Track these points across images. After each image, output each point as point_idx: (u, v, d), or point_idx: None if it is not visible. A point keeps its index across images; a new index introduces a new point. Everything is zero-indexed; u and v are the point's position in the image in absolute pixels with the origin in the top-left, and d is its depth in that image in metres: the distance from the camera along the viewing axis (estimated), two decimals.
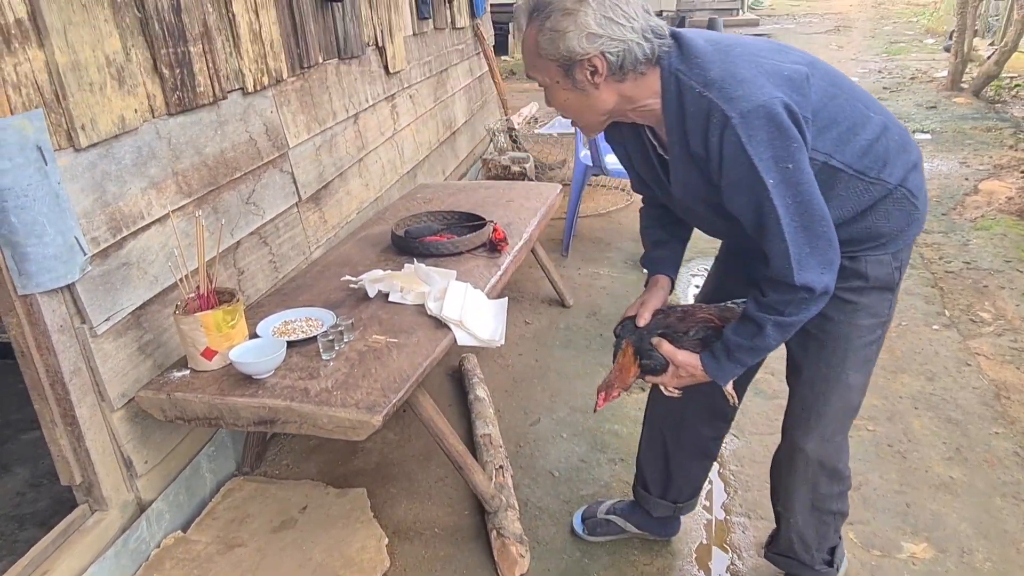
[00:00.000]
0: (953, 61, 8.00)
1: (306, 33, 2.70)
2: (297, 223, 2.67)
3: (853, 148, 1.34)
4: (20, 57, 1.54)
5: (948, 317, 3.25)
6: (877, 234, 1.41)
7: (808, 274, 1.26)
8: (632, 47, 1.24)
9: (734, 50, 1.29)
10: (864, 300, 1.45)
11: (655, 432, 1.89)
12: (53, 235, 1.59)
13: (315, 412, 1.69)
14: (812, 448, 1.60)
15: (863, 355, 1.51)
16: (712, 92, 1.23)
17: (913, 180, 1.41)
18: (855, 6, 18.18)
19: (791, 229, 1.24)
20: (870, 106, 1.39)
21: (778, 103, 1.21)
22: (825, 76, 1.35)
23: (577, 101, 1.33)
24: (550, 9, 1.24)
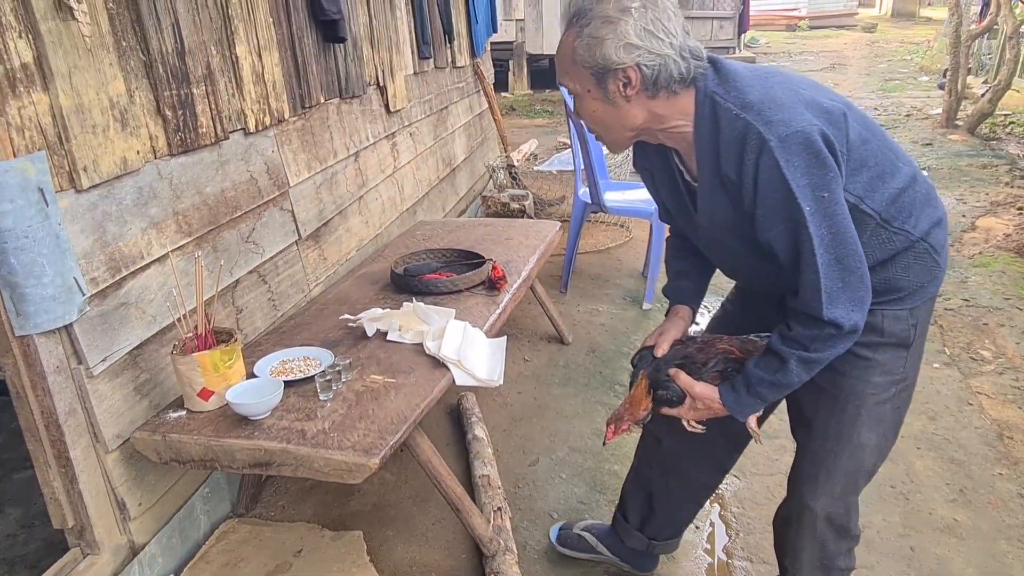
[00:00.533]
0: (947, 99, 8.10)
1: (308, 74, 2.74)
2: (296, 261, 2.67)
3: (882, 194, 1.32)
4: (24, 101, 1.55)
5: (948, 355, 3.24)
6: (896, 287, 1.38)
7: (837, 310, 1.24)
8: (668, 63, 1.24)
9: (773, 78, 1.29)
10: (878, 356, 1.42)
11: (643, 470, 1.87)
12: (52, 276, 1.59)
13: (311, 455, 1.67)
14: (821, 507, 1.55)
15: (876, 414, 1.46)
16: (750, 114, 1.22)
17: (936, 236, 1.39)
18: (849, 44, 18.47)
19: (824, 261, 1.22)
20: (899, 156, 1.38)
21: (816, 131, 1.20)
22: (859, 119, 1.34)
23: (606, 113, 1.32)
24: (591, 16, 1.24)
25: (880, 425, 1.48)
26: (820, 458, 1.52)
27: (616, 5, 1.23)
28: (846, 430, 1.48)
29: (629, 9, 1.22)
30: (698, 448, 1.73)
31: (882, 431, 1.49)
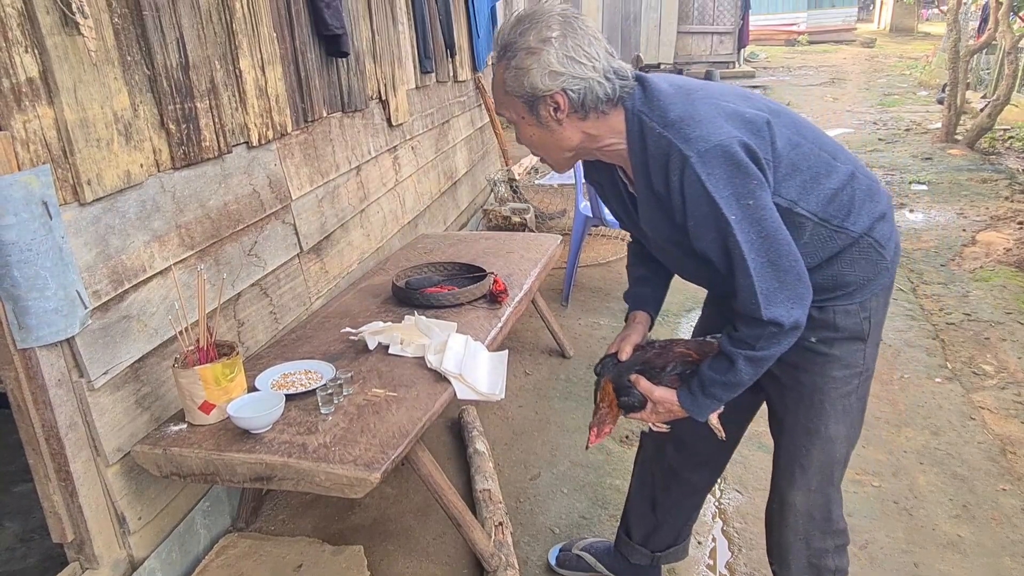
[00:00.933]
0: (947, 113, 8.13)
1: (311, 88, 2.75)
2: (298, 274, 2.68)
3: (817, 196, 1.36)
4: (30, 115, 1.56)
5: (950, 370, 3.23)
6: (843, 283, 1.42)
7: (776, 309, 1.28)
8: (593, 85, 1.29)
9: (696, 93, 1.33)
10: (835, 352, 1.46)
11: (645, 476, 1.89)
12: (55, 289, 1.59)
13: (312, 469, 1.67)
14: (800, 500, 1.59)
15: (841, 406, 1.50)
16: (671, 132, 1.27)
17: (880, 230, 1.42)
18: (848, 59, 18.57)
19: (756, 264, 1.26)
20: (836, 155, 1.41)
21: (735, 142, 1.24)
22: (789, 125, 1.37)
23: (543, 137, 1.38)
24: (516, 48, 1.30)
25: (847, 416, 1.52)
26: (793, 453, 1.56)
27: (537, 36, 1.28)
28: (814, 424, 1.52)
29: (549, 39, 1.27)
30: (695, 453, 1.77)
31: (849, 422, 1.52)
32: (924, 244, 4.95)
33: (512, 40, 1.31)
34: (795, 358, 1.45)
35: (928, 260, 4.65)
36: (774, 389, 1.56)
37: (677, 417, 1.49)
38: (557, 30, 1.28)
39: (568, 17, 1.30)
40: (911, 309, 3.88)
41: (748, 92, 1.43)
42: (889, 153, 7.84)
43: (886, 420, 2.83)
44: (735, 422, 1.73)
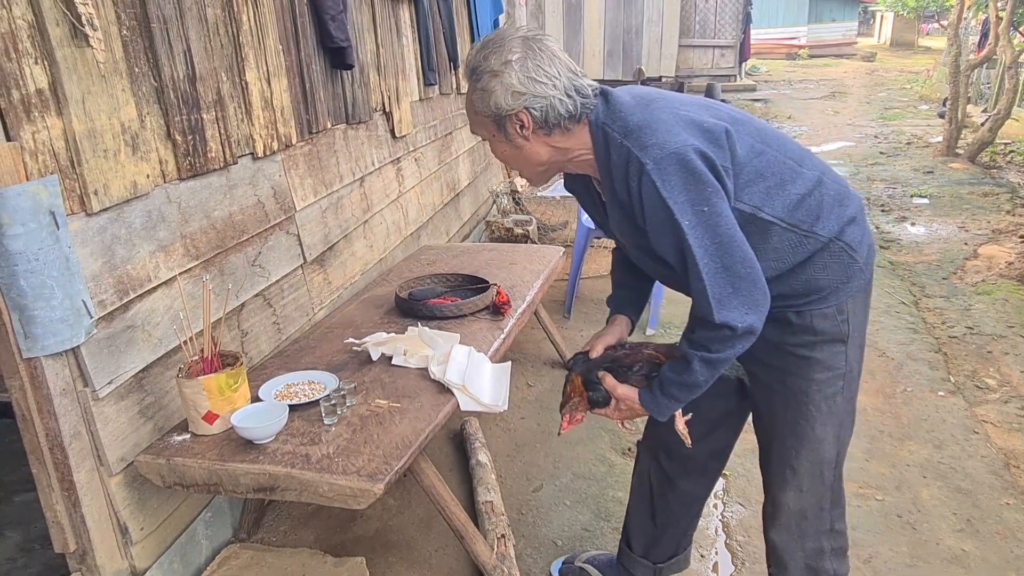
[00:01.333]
0: (948, 127, 8.16)
1: (316, 100, 2.77)
2: (302, 284, 2.68)
3: (783, 201, 1.39)
4: (39, 125, 1.57)
5: (953, 383, 3.23)
6: (817, 287, 1.44)
7: (728, 313, 1.31)
8: (554, 103, 1.35)
9: (655, 103, 1.38)
10: (817, 355, 1.48)
11: (643, 486, 1.91)
12: (61, 298, 1.59)
13: (316, 480, 1.67)
14: (792, 500, 1.61)
15: (826, 407, 1.52)
16: (630, 140, 1.32)
17: (851, 233, 1.45)
18: (849, 73, 18.66)
19: (709, 270, 1.30)
20: (802, 162, 1.45)
21: (691, 150, 1.28)
22: (753, 133, 1.41)
23: (514, 153, 1.44)
24: (481, 71, 1.37)
25: (833, 417, 1.53)
26: (783, 455, 1.59)
27: (499, 59, 1.35)
28: (801, 427, 1.54)
29: (510, 61, 1.34)
30: (688, 463, 1.80)
31: (836, 422, 1.54)
32: (926, 257, 4.96)
33: (478, 64, 1.38)
34: (778, 362, 1.50)
35: (930, 273, 4.65)
36: (760, 393, 1.59)
37: (639, 415, 1.54)
38: (518, 52, 1.34)
39: (529, 39, 1.36)
40: (913, 322, 3.88)
41: (710, 102, 1.47)
42: (890, 166, 7.86)
43: (889, 433, 2.83)
44: (725, 428, 1.76)
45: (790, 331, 1.47)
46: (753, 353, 1.48)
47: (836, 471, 1.60)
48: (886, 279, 4.55)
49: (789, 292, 1.45)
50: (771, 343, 1.49)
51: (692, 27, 10.36)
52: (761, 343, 1.44)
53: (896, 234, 5.53)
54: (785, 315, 1.47)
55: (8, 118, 1.50)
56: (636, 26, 9.87)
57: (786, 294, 1.45)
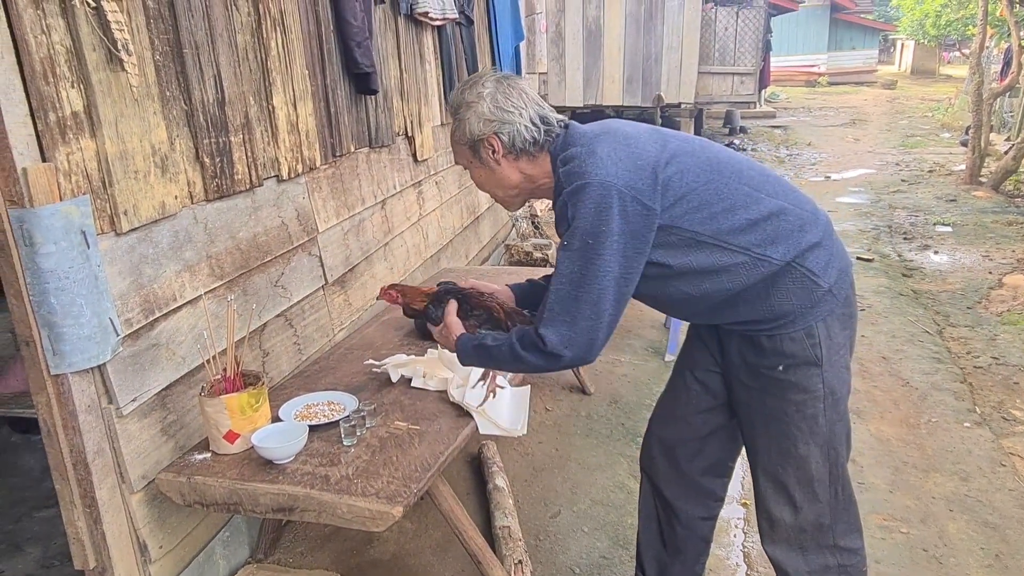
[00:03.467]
0: (971, 155, 8.11)
1: (340, 124, 2.81)
2: (322, 305, 2.70)
3: (730, 225, 1.46)
4: (73, 147, 1.61)
5: (979, 414, 3.17)
6: (782, 312, 1.50)
7: (549, 331, 1.43)
8: (520, 130, 1.51)
9: (600, 137, 1.49)
10: (791, 377, 1.53)
11: (649, 511, 1.93)
12: (89, 316, 1.62)
13: (334, 501, 1.66)
14: (787, 515, 1.62)
15: (807, 428, 1.55)
16: (563, 169, 1.47)
17: (814, 259, 1.49)
18: (869, 100, 18.62)
19: (559, 289, 1.43)
20: (762, 189, 1.52)
21: (612, 187, 1.39)
22: (704, 163, 1.50)
23: (488, 177, 1.60)
24: (459, 105, 1.56)
25: (817, 437, 1.56)
26: (771, 472, 1.62)
27: (473, 92, 1.53)
28: (784, 445, 1.58)
29: (483, 94, 1.52)
30: (685, 484, 1.83)
31: (821, 442, 1.56)
32: (949, 286, 4.90)
33: (458, 100, 1.56)
34: (756, 383, 1.57)
35: (954, 302, 4.59)
36: (744, 414, 1.65)
37: (450, 348, 1.66)
38: (490, 87, 1.52)
39: (501, 78, 1.54)
40: (937, 352, 3.82)
41: (668, 135, 1.55)
42: (912, 194, 7.81)
43: (913, 465, 2.78)
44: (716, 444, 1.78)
45: (763, 354, 1.53)
46: (735, 374, 1.60)
47: (832, 488, 1.60)
48: (909, 307, 4.50)
49: (757, 316, 1.51)
50: (749, 365, 1.57)
51: (712, 54, 10.41)
52: (741, 365, 1.57)
53: (919, 262, 5.47)
54: (758, 338, 1.53)
55: (44, 139, 1.54)
56: (656, 53, 9.93)
57: (755, 319, 1.51)
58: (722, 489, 1.87)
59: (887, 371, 3.58)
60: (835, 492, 1.60)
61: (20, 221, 1.52)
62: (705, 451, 1.78)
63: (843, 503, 1.62)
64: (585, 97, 10.18)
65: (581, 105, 10.27)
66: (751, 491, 1.88)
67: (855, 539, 1.65)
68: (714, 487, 1.85)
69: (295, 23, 2.46)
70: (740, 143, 11.85)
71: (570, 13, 9.91)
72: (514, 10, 5.33)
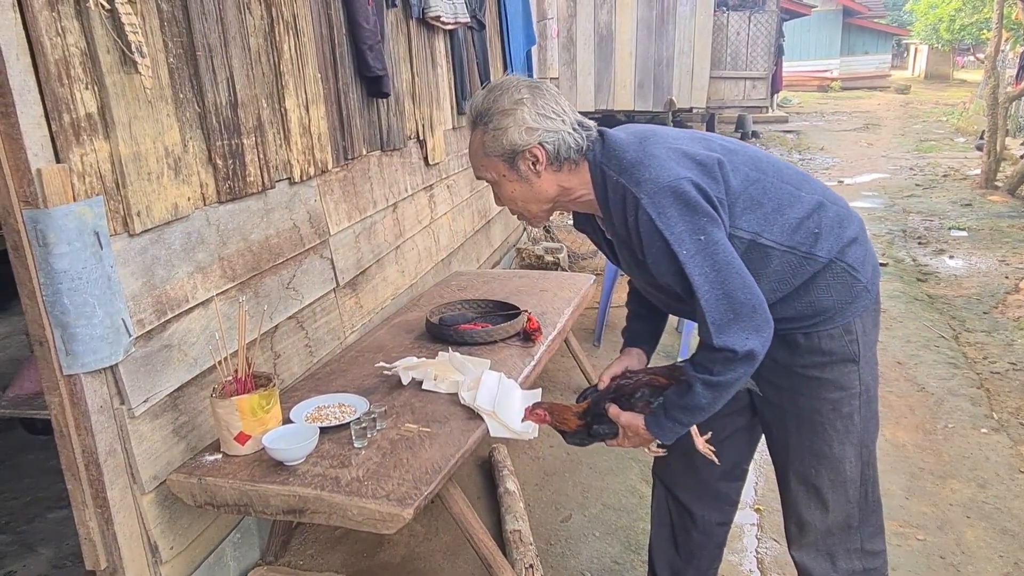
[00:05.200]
0: (986, 160, 8.03)
1: (352, 127, 2.82)
2: (334, 308, 2.70)
3: (782, 225, 1.43)
4: (87, 148, 1.62)
5: (997, 420, 3.13)
6: (821, 309, 1.46)
7: (728, 337, 1.32)
8: (565, 137, 1.42)
9: (649, 139, 1.44)
10: (828, 375, 1.49)
11: (663, 515, 1.89)
12: (102, 317, 1.63)
13: (345, 503, 1.66)
14: (817, 519, 1.59)
15: (842, 427, 1.52)
16: (624, 177, 1.38)
17: (853, 254, 1.47)
18: (883, 105, 18.51)
19: (709, 296, 1.32)
20: (801, 186, 1.48)
21: (685, 182, 1.33)
22: (748, 162, 1.46)
23: (523, 191, 1.48)
24: (491, 112, 1.43)
25: (851, 436, 1.53)
26: (803, 475, 1.58)
27: (510, 99, 1.41)
28: (818, 446, 1.54)
29: (522, 100, 1.41)
30: (701, 488, 1.79)
31: (856, 441, 1.53)
32: (965, 291, 4.85)
33: (487, 107, 1.44)
34: (789, 383, 1.52)
35: (970, 307, 4.54)
36: (772, 413, 1.60)
37: (648, 442, 1.54)
38: (527, 93, 1.42)
39: (533, 83, 1.45)
40: (953, 357, 3.78)
41: (704, 135, 1.52)
42: (927, 199, 7.75)
43: (930, 471, 2.75)
44: (734, 448, 1.75)
45: (799, 352, 1.49)
46: (764, 375, 1.51)
47: (863, 489, 1.58)
48: (924, 312, 4.46)
49: (795, 314, 1.47)
50: (781, 365, 1.51)
51: (724, 59, 10.39)
52: (771, 365, 1.47)
53: (934, 267, 5.42)
54: (794, 336, 1.49)
55: (59, 140, 1.55)
56: (667, 58, 9.93)
57: (792, 316, 1.47)
58: (737, 493, 1.85)
59: (902, 376, 3.54)
60: (865, 493, 1.58)
61: (34, 221, 1.53)
62: (723, 455, 1.72)
63: (872, 504, 1.60)
64: (596, 102, 10.18)
65: (593, 110, 10.27)
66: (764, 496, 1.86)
67: (880, 541, 1.64)
68: (730, 491, 1.82)
69: (307, 26, 2.47)
70: None
71: (581, 18, 9.92)
72: (526, 15, 5.34)
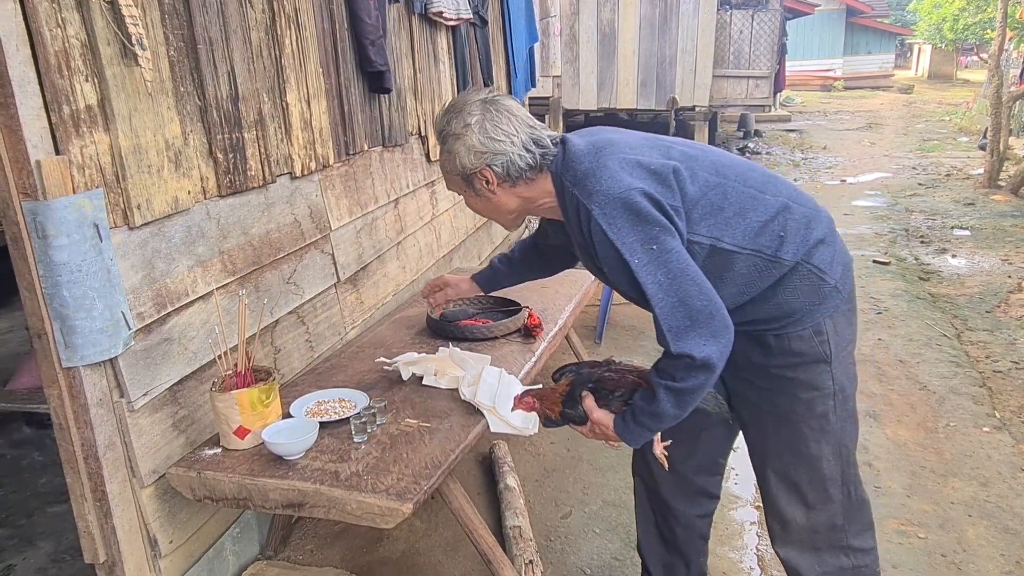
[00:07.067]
0: (989, 159, 8.01)
1: (353, 122, 2.81)
2: (334, 303, 2.70)
3: (743, 229, 1.44)
4: (87, 140, 1.62)
5: (999, 419, 3.12)
6: (790, 311, 1.47)
7: (684, 343, 1.34)
8: (513, 158, 1.46)
9: (604, 149, 1.46)
10: (800, 375, 1.50)
11: (647, 513, 1.91)
12: (101, 309, 1.62)
13: (344, 497, 1.65)
14: (799, 516, 1.60)
15: (817, 426, 1.53)
16: (578, 189, 1.42)
17: (820, 255, 1.47)
18: (886, 105, 18.47)
19: (663, 303, 1.34)
20: (766, 189, 1.49)
21: (636, 193, 1.36)
22: (709, 167, 1.48)
23: (485, 205, 1.56)
24: (446, 135, 1.50)
25: (828, 435, 1.54)
26: (783, 472, 1.60)
27: (460, 122, 1.47)
28: (795, 445, 1.56)
29: (470, 124, 1.46)
30: (680, 484, 1.80)
31: (833, 440, 1.55)
32: (968, 290, 4.83)
33: (443, 128, 1.50)
34: (765, 383, 1.54)
35: (972, 306, 4.53)
36: (749, 412, 1.61)
37: (612, 440, 1.55)
38: (476, 115, 1.46)
39: (487, 102, 1.47)
40: (956, 355, 3.77)
41: (665, 141, 1.54)
42: (929, 198, 7.73)
43: (931, 469, 2.74)
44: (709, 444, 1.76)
45: (771, 353, 1.50)
46: (741, 374, 1.55)
47: (845, 488, 1.59)
48: (926, 311, 4.44)
49: (764, 316, 1.48)
50: (756, 365, 1.53)
51: (727, 57, 10.37)
52: (748, 365, 1.53)
53: (936, 266, 5.41)
54: (765, 338, 1.50)
55: (58, 132, 1.55)
56: (670, 56, 9.90)
57: (762, 318, 1.49)
58: (716, 487, 1.86)
59: (904, 375, 3.53)
60: (847, 492, 1.59)
61: (33, 213, 1.52)
62: (698, 450, 1.76)
63: (856, 503, 1.60)
64: (599, 100, 10.16)
65: (595, 108, 10.25)
66: None
67: (868, 539, 1.64)
68: (708, 485, 1.83)
69: (309, 20, 2.47)
70: (755, 147, 11.78)
71: (584, 16, 9.90)
72: (528, 12, 5.33)
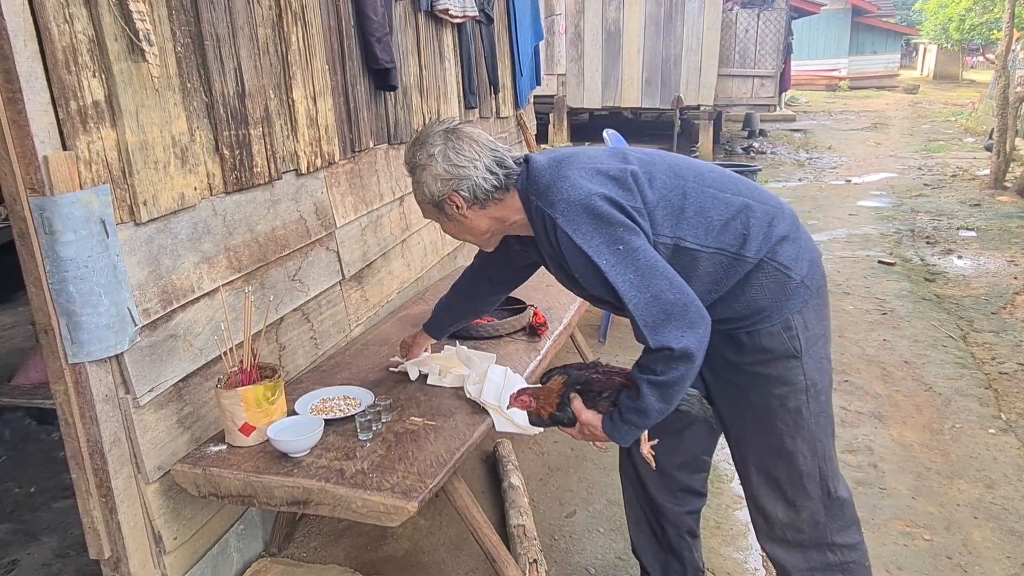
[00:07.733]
0: (995, 160, 7.98)
1: (359, 119, 2.81)
2: (339, 301, 2.70)
3: (705, 228, 1.48)
4: (94, 136, 1.61)
5: (1005, 421, 3.11)
6: (758, 308, 1.50)
7: (662, 336, 1.37)
8: (479, 182, 1.51)
9: (564, 161, 1.52)
10: (772, 371, 1.53)
11: (638, 513, 1.93)
12: (108, 305, 1.62)
13: (349, 495, 1.65)
14: (780, 512, 1.63)
15: (791, 421, 1.55)
16: (541, 201, 1.47)
17: (785, 252, 1.50)
18: (891, 105, 18.42)
19: (637, 301, 1.38)
20: (726, 188, 1.53)
21: (597, 197, 1.41)
22: (667, 170, 1.52)
23: (459, 228, 1.61)
24: (413, 166, 1.56)
25: (801, 431, 1.56)
26: (762, 468, 1.63)
27: (425, 153, 1.53)
28: (770, 441, 1.58)
29: (433, 155, 1.52)
30: (665, 481, 1.82)
31: (807, 436, 1.57)
32: (973, 291, 4.82)
33: (410, 160, 1.57)
34: (739, 380, 1.57)
35: (978, 307, 4.51)
36: (730, 412, 1.63)
37: (601, 440, 1.57)
38: (439, 144, 1.52)
39: (449, 131, 1.54)
40: (961, 357, 3.75)
41: (624, 150, 1.59)
42: (935, 198, 7.70)
43: (937, 471, 2.73)
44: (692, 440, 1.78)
45: (744, 351, 1.53)
46: (719, 372, 1.59)
47: (823, 485, 1.60)
48: (932, 312, 4.43)
49: (734, 315, 1.51)
50: (730, 362, 1.56)
51: (732, 57, 10.34)
52: (723, 363, 1.56)
53: (942, 266, 5.39)
54: (738, 336, 1.53)
55: (65, 128, 1.55)
56: (675, 55, 9.89)
57: (732, 317, 1.51)
58: (701, 484, 1.87)
59: (909, 376, 3.52)
60: (826, 488, 1.60)
61: (40, 209, 1.52)
62: (681, 447, 1.77)
63: (836, 500, 1.62)
64: (603, 99, 10.15)
65: (599, 107, 10.25)
66: None
67: (853, 534, 1.65)
68: (692, 482, 1.84)
69: (316, 17, 2.46)
70: (759, 146, 11.76)
71: (589, 14, 9.89)
72: (534, 10, 5.32)
